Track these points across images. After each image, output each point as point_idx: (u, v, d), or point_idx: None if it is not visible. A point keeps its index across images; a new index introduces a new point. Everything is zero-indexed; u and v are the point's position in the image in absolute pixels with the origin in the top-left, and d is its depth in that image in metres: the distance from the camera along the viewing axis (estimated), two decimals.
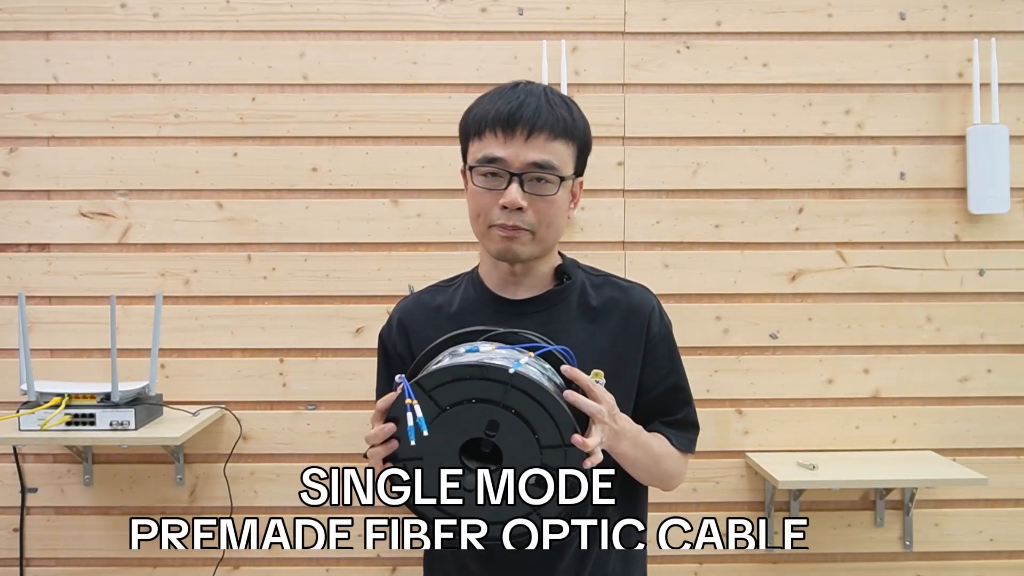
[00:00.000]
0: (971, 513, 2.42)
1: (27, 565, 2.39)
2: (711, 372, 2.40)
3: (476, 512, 1.13)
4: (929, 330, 2.41)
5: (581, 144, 1.32)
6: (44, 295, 2.38)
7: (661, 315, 1.40)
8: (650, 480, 1.37)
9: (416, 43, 2.38)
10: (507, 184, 1.26)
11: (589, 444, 1.09)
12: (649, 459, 1.32)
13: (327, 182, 2.39)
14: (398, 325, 1.41)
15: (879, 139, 2.41)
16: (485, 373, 1.09)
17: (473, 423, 1.11)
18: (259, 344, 2.39)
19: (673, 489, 1.43)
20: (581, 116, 1.32)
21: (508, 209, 1.26)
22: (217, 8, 2.37)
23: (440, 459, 1.12)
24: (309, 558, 2.40)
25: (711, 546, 2.40)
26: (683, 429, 1.41)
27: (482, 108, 1.29)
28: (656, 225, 2.40)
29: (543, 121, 1.25)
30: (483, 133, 1.27)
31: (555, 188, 1.27)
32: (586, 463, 1.10)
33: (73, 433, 2.10)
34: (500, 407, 1.10)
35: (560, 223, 1.32)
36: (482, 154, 1.27)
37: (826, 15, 2.40)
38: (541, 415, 1.10)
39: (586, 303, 1.37)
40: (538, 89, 1.29)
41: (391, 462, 1.12)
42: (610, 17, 2.39)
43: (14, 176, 2.37)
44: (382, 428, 1.11)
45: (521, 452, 1.11)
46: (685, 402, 1.42)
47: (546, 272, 1.38)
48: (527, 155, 1.25)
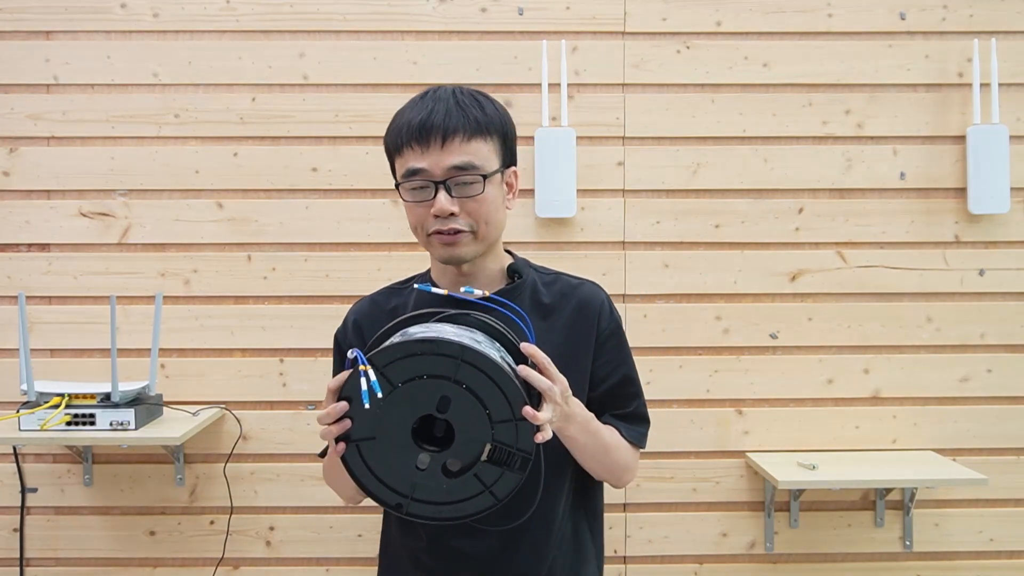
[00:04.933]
0: (971, 513, 2.42)
1: (27, 565, 2.39)
2: (711, 372, 2.40)
3: (428, 494, 1.14)
4: (929, 330, 2.41)
5: (502, 136, 1.33)
6: (44, 295, 2.38)
7: (611, 310, 1.42)
8: (601, 471, 1.39)
9: (416, 43, 2.38)
10: (435, 193, 1.28)
11: (539, 417, 1.10)
12: (599, 448, 1.34)
13: (327, 182, 2.39)
14: (353, 325, 1.44)
15: (879, 139, 2.41)
16: (437, 348, 1.09)
17: (425, 400, 1.11)
18: (259, 344, 2.39)
19: (624, 485, 1.44)
20: (496, 108, 1.33)
21: (441, 216, 1.28)
22: (217, 8, 2.38)
23: (392, 437, 1.12)
24: (309, 558, 2.40)
25: (711, 546, 2.40)
26: (633, 422, 1.43)
27: (396, 124, 1.32)
28: (656, 225, 2.40)
29: (454, 124, 1.27)
30: (402, 148, 1.30)
31: (481, 187, 1.29)
32: (537, 437, 1.11)
33: (73, 433, 2.10)
34: (452, 382, 1.10)
35: (497, 218, 1.33)
36: (405, 168, 1.30)
37: (826, 15, 2.40)
38: (492, 390, 1.10)
39: (538, 300, 1.39)
40: (446, 93, 1.31)
41: (344, 442, 1.14)
42: (610, 17, 2.39)
43: (14, 176, 2.37)
44: (334, 406, 1.12)
45: (473, 428, 1.11)
46: (635, 395, 1.43)
47: (496, 270, 1.39)
48: (446, 161, 1.27)
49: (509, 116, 1.36)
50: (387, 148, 1.35)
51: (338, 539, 2.40)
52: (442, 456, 1.13)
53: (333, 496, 2.39)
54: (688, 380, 2.40)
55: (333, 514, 2.39)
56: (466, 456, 1.13)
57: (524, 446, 1.12)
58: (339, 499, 1.51)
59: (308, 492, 2.39)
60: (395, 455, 1.13)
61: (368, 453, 1.14)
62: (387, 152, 1.36)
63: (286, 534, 2.40)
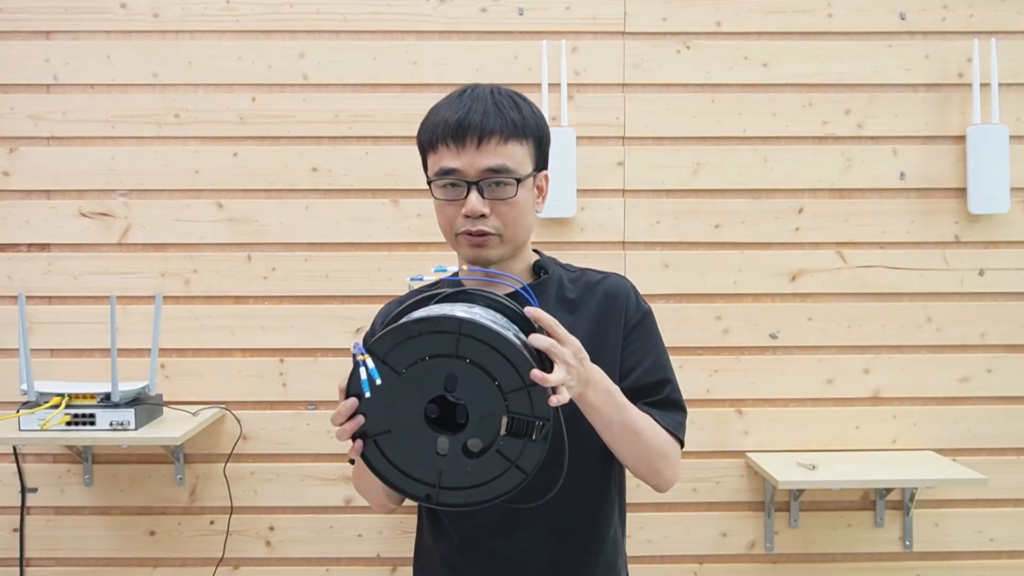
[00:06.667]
0: (971, 513, 2.42)
1: (27, 565, 2.39)
2: (711, 372, 2.40)
3: (455, 480, 1.11)
4: (929, 330, 2.41)
5: (537, 140, 1.32)
6: (44, 295, 2.38)
7: (637, 299, 1.40)
8: (636, 460, 1.31)
9: (416, 43, 2.38)
10: (466, 193, 1.27)
11: (550, 379, 1.07)
12: (628, 428, 1.27)
13: (327, 182, 2.39)
14: (381, 328, 1.41)
15: (879, 139, 2.41)
16: (433, 326, 1.06)
17: (431, 382, 1.08)
18: (259, 344, 2.39)
19: (666, 483, 1.36)
20: (533, 111, 1.32)
21: (471, 217, 1.27)
22: (217, 8, 2.37)
23: (407, 427, 1.09)
24: (309, 558, 2.40)
25: (711, 546, 2.40)
26: (668, 409, 1.37)
27: (432, 121, 1.30)
28: (656, 225, 2.40)
29: (492, 126, 1.26)
30: (436, 145, 1.28)
31: (514, 190, 1.28)
32: (551, 400, 1.07)
33: (73, 433, 2.10)
34: (455, 359, 1.07)
35: (527, 222, 1.32)
36: (438, 166, 1.28)
37: (826, 15, 2.40)
38: (498, 360, 1.07)
39: (563, 296, 1.37)
40: (484, 93, 1.29)
41: (360, 439, 1.11)
42: (610, 17, 2.39)
43: (14, 176, 2.37)
44: (344, 404, 1.09)
45: (485, 403, 1.08)
46: (667, 381, 1.39)
47: (522, 269, 1.38)
48: (481, 162, 1.26)
49: (544, 119, 1.34)
50: (420, 144, 1.33)
51: (338, 539, 2.39)
52: (460, 437, 1.09)
53: (333, 496, 2.41)
54: (688, 380, 2.39)
55: (333, 514, 2.39)
56: (485, 433, 1.09)
57: (541, 412, 1.08)
58: (339, 499, 1.51)
59: (308, 492, 2.39)
60: (414, 444, 1.10)
61: (387, 447, 1.11)
62: (420, 148, 1.34)
63: (286, 534, 2.40)
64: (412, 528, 2.38)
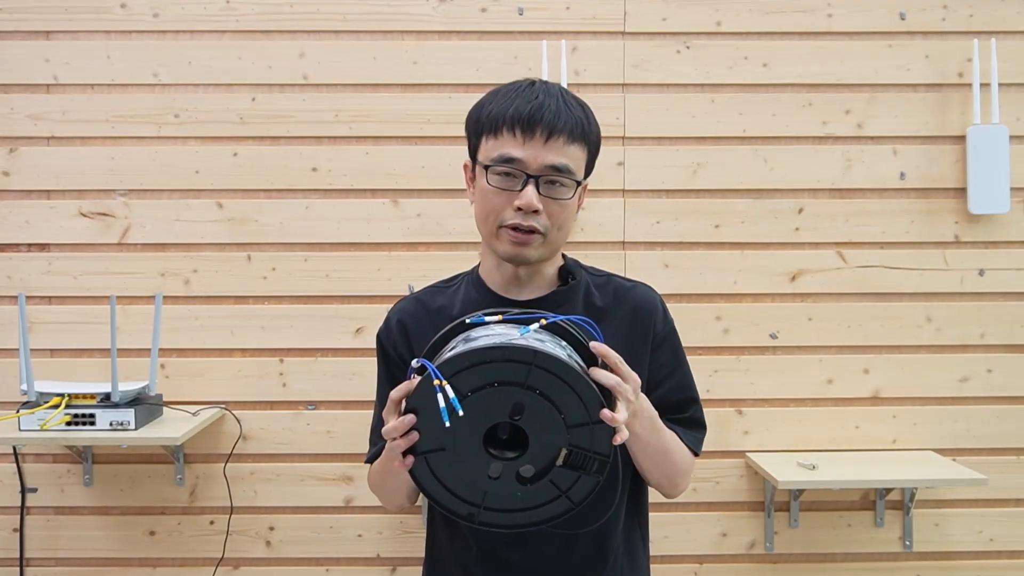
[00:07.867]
0: (971, 513, 2.42)
1: (27, 565, 2.39)
2: (711, 372, 2.40)
3: (500, 502, 1.09)
4: (929, 330, 2.41)
5: (593, 148, 1.30)
6: (44, 295, 2.38)
7: (665, 312, 1.39)
8: (658, 476, 1.33)
9: (416, 43, 2.38)
10: (523, 186, 1.23)
11: (618, 419, 1.05)
12: (660, 450, 1.29)
13: (327, 182, 2.39)
14: (397, 326, 1.37)
15: (879, 139, 2.41)
16: (508, 355, 1.03)
17: (496, 408, 1.05)
18: (259, 344, 2.39)
19: (679, 494, 1.39)
20: (594, 119, 1.30)
21: (523, 211, 1.23)
22: (217, 8, 2.37)
23: (464, 449, 1.07)
24: (309, 558, 2.40)
25: (711, 546, 2.40)
26: (692, 427, 1.39)
27: (499, 106, 1.25)
28: (656, 225, 2.40)
29: (563, 123, 1.23)
30: (500, 131, 1.24)
31: (570, 192, 1.25)
32: (615, 439, 1.06)
33: (73, 433, 2.10)
34: (524, 388, 1.04)
35: (570, 226, 1.30)
36: (498, 153, 1.24)
37: (826, 15, 2.40)
38: (566, 393, 1.05)
39: (591, 303, 1.35)
40: (555, 89, 1.27)
41: (411, 455, 1.08)
42: (610, 17, 2.39)
43: (14, 176, 2.37)
44: (402, 420, 1.05)
45: (547, 433, 1.06)
46: (693, 400, 1.40)
47: (551, 273, 1.35)
48: (546, 157, 1.23)
49: (600, 130, 1.32)
50: (477, 125, 1.28)
51: (338, 539, 2.39)
52: (515, 463, 1.07)
53: (333, 496, 2.41)
54: None
55: (333, 514, 2.39)
56: (540, 462, 1.08)
57: (601, 449, 1.07)
58: (339, 499, 1.50)
59: (308, 492, 2.39)
60: (466, 465, 1.08)
61: (437, 465, 1.08)
62: (476, 129, 1.28)
63: (286, 534, 2.40)
64: (412, 528, 2.39)
